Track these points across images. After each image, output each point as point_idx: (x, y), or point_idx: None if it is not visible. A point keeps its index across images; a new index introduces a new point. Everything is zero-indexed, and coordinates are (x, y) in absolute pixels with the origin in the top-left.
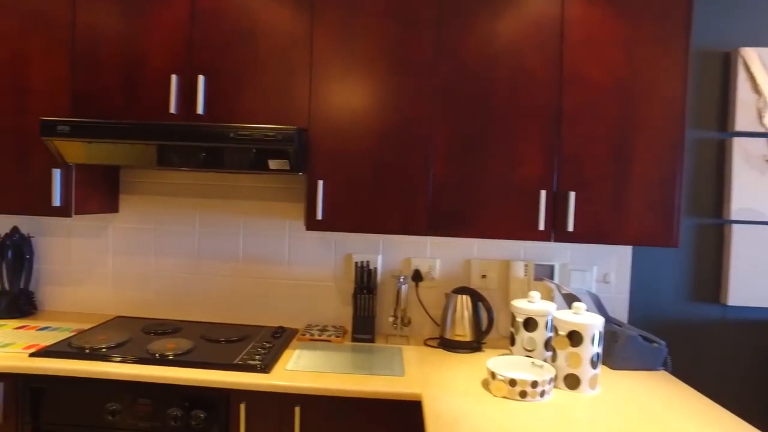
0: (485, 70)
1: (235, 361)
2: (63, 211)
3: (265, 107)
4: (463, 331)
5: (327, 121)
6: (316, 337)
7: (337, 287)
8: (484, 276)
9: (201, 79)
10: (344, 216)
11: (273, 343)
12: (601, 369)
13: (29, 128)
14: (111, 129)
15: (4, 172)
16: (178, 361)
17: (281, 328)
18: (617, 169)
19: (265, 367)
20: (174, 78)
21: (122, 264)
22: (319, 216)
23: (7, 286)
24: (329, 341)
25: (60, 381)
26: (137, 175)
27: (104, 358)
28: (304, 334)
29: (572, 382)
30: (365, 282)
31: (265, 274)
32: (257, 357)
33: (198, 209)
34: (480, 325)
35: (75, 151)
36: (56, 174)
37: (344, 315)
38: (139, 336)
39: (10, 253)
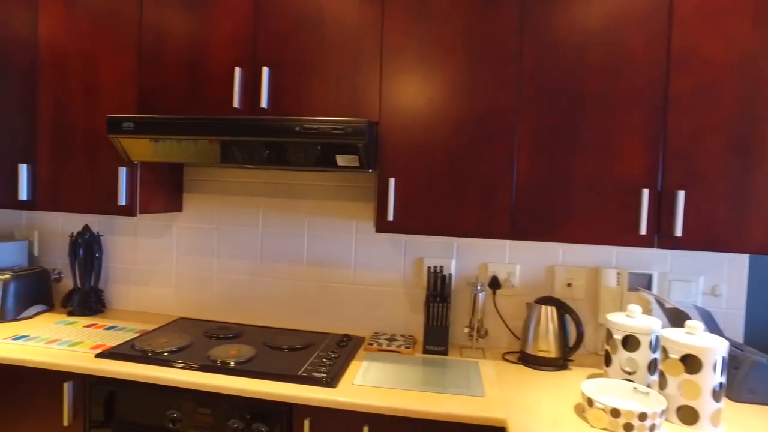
0: (576, 53)
1: (299, 373)
2: (128, 210)
3: (332, 99)
4: (548, 346)
5: (399, 113)
6: (385, 347)
7: (406, 293)
8: (569, 284)
9: (265, 71)
10: (418, 217)
11: (338, 352)
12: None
13: (98, 127)
14: (174, 124)
15: (76, 172)
16: (240, 370)
17: (347, 336)
18: (739, 164)
19: (331, 381)
20: (237, 71)
21: (185, 264)
22: (390, 217)
23: (78, 283)
24: (399, 352)
25: (123, 383)
26: (200, 174)
27: (166, 362)
28: (371, 344)
29: (688, 416)
30: (438, 289)
31: (330, 278)
32: (322, 369)
33: (261, 209)
34: (567, 340)
35: (140, 148)
36: (122, 173)
37: (414, 323)
38: (200, 340)
39: (81, 251)
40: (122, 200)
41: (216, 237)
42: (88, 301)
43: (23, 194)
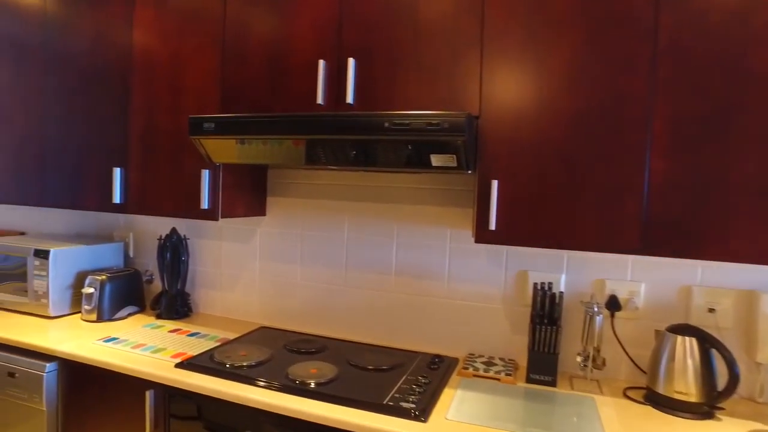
0: (735, 18)
1: (386, 401)
2: (210, 214)
3: (426, 91)
4: (686, 387)
5: (503, 105)
6: (482, 373)
7: (506, 311)
8: (711, 310)
9: (351, 62)
10: (525, 226)
11: (429, 377)
12: None
13: (182, 129)
14: (255, 123)
15: (162, 175)
16: (320, 393)
17: (439, 356)
18: None
19: (422, 414)
20: (321, 64)
21: (268, 271)
22: (492, 225)
23: (166, 286)
24: (498, 379)
25: (201, 397)
26: (284, 176)
27: (243, 379)
28: (466, 368)
29: None
30: (546, 309)
31: (421, 290)
32: (411, 398)
33: (347, 213)
34: (714, 381)
35: (222, 149)
36: (205, 175)
37: (515, 345)
38: (280, 354)
39: (168, 255)
40: (205, 204)
41: (300, 243)
42: (174, 305)
43: (117, 197)
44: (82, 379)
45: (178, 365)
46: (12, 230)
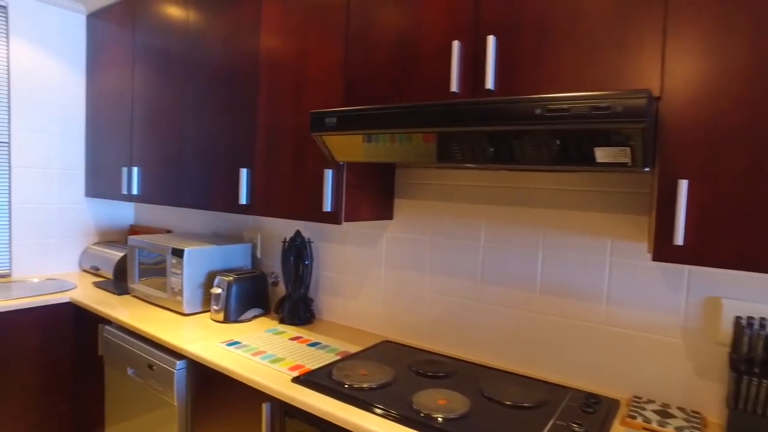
0: None
1: None
2: (333, 217)
3: (586, 71)
4: None
5: (698, 81)
6: (655, 426)
7: (688, 347)
8: None
9: (491, 40)
10: (728, 242)
11: (584, 423)
12: None
13: (304, 126)
14: (381, 116)
15: (284, 175)
16: None
17: (594, 396)
18: None
19: None
20: (456, 45)
21: (395, 279)
22: (679, 239)
23: (289, 290)
24: None
25: (315, 417)
26: (414, 176)
27: (361, 403)
28: (632, 416)
29: None
30: (757, 352)
31: (572, 313)
32: None
33: (484, 219)
34: None
35: (345, 147)
36: (328, 175)
37: (701, 393)
38: (404, 375)
39: (292, 258)
40: (327, 206)
41: (429, 250)
42: (297, 311)
43: (243, 198)
44: (207, 380)
45: (295, 380)
46: (162, 228)
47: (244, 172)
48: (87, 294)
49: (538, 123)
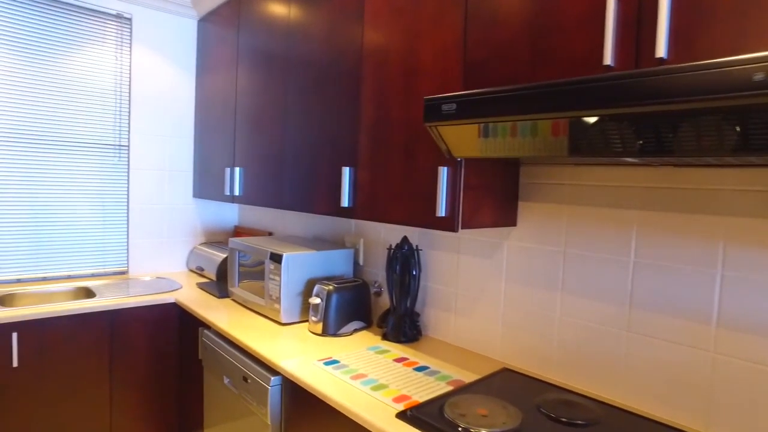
0: None
1: None
2: (448, 224)
3: None
4: None
5: None
6: None
7: None
8: None
9: None
10: None
11: None
12: None
13: (415, 117)
14: (513, 98)
15: (391, 174)
16: None
17: None
18: None
19: None
20: (612, 4)
21: (517, 296)
22: None
23: (394, 302)
24: None
25: None
26: (542, 175)
27: None
28: None
29: None
30: None
31: (762, 356)
32: None
33: (635, 227)
34: None
35: (464, 139)
36: (442, 174)
37: None
38: (533, 419)
39: (398, 268)
40: (441, 211)
41: (561, 264)
42: (402, 326)
43: (345, 200)
44: (304, 400)
45: (400, 415)
46: (263, 230)
47: (346, 171)
48: (190, 295)
49: (747, 96)
